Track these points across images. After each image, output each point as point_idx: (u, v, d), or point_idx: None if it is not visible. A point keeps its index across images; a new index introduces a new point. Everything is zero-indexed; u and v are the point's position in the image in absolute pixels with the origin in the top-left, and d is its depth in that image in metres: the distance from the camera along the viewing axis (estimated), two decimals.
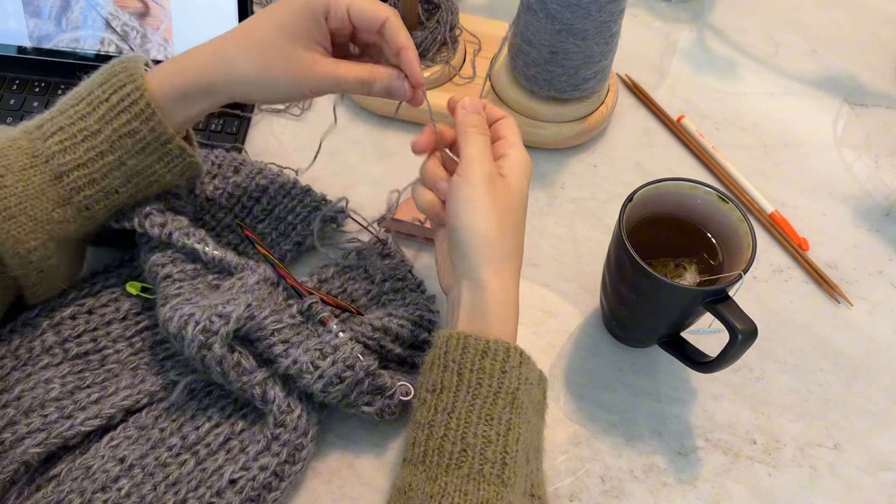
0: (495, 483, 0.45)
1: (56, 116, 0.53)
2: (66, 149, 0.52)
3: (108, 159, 0.53)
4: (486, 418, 0.46)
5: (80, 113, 0.52)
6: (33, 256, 0.52)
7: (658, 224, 0.59)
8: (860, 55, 0.88)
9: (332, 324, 0.55)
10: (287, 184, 0.67)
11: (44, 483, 0.51)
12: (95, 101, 0.53)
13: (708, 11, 0.91)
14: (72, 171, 0.52)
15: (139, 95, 0.52)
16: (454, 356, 0.48)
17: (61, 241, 0.53)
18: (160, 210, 0.57)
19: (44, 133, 0.52)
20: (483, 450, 0.45)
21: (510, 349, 0.48)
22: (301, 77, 0.53)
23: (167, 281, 0.55)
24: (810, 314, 0.66)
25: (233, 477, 0.51)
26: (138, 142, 0.53)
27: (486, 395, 0.47)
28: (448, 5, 0.76)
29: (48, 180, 0.52)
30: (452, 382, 0.47)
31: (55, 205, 0.52)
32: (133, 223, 0.56)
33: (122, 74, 0.53)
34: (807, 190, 0.75)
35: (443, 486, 0.44)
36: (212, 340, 0.51)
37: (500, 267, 0.50)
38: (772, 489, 0.57)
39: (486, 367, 0.47)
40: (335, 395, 0.52)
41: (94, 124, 0.52)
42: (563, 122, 0.73)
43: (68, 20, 0.73)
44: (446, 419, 0.46)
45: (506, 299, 0.50)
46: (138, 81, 0.52)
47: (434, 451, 0.46)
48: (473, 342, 0.48)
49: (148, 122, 0.52)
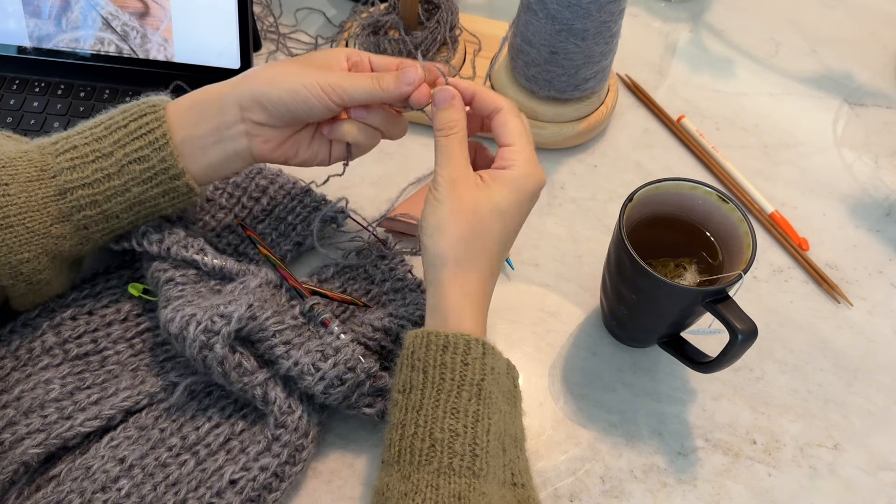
0: (466, 475, 0.45)
1: (72, 135, 0.53)
2: (75, 167, 0.52)
3: (113, 183, 0.53)
4: (452, 412, 0.47)
5: (96, 135, 0.53)
6: (24, 268, 0.52)
7: (658, 224, 0.59)
8: (860, 55, 0.88)
9: (333, 325, 0.55)
10: (287, 184, 0.67)
11: (44, 483, 0.51)
12: (113, 126, 0.53)
13: (707, 11, 0.91)
14: (76, 188, 0.52)
15: (157, 125, 0.52)
16: (419, 355, 0.49)
17: (55, 256, 0.53)
18: (156, 226, 0.57)
19: (56, 149, 0.52)
20: (451, 443, 0.46)
21: (470, 341, 0.48)
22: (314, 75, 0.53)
23: (169, 284, 0.55)
24: (810, 314, 0.66)
25: (233, 477, 0.51)
26: (147, 170, 0.53)
27: (450, 388, 0.47)
28: (448, 5, 0.76)
29: (51, 195, 0.52)
30: (419, 380, 0.48)
31: (54, 220, 0.52)
32: (132, 243, 0.56)
33: (144, 104, 0.53)
34: (807, 190, 0.75)
35: (415, 483, 0.45)
36: (213, 341, 0.51)
37: (458, 269, 0.50)
38: (772, 489, 0.57)
39: (448, 361, 0.48)
40: (336, 396, 0.52)
41: (107, 147, 0.52)
42: (563, 122, 0.73)
43: (68, 20, 0.73)
44: (415, 417, 0.47)
45: (462, 300, 0.50)
46: (159, 112, 0.53)
47: (406, 450, 0.46)
48: (434, 338, 0.48)
49: (160, 151, 0.52)
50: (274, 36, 0.84)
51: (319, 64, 0.55)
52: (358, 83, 0.54)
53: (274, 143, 0.55)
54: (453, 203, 0.50)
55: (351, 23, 0.82)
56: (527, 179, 0.52)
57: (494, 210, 0.51)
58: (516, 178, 0.52)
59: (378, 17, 0.75)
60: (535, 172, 0.53)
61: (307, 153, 0.58)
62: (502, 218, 0.51)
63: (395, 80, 0.54)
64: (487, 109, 0.54)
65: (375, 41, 0.75)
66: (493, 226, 0.51)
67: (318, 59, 0.55)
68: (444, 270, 0.50)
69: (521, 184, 0.52)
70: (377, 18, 0.75)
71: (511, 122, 0.53)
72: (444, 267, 0.50)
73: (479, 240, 0.51)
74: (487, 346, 0.49)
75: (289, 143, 0.56)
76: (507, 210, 0.51)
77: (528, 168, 0.52)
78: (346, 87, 0.53)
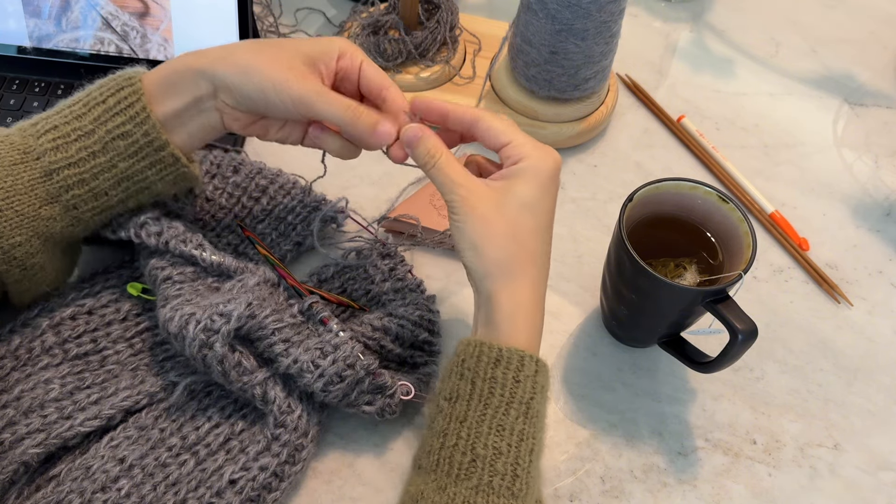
0: (505, 495, 0.44)
1: (51, 115, 0.53)
2: (58, 147, 0.52)
3: (99, 160, 0.52)
4: (498, 429, 0.46)
5: (76, 113, 0.52)
6: (17, 252, 0.52)
7: (658, 224, 0.59)
8: (860, 55, 0.88)
9: (332, 323, 0.55)
10: (287, 184, 0.67)
11: (44, 483, 0.51)
12: (92, 103, 0.53)
13: (708, 11, 0.91)
14: (62, 168, 0.52)
15: (136, 99, 0.52)
16: (469, 364, 0.48)
17: (47, 239, 0.53)
18: (155, 218, 0.57)
19: (37, 130, 0.52)
20: (493, 461, 0.45)
21: (524, 358, 0.47)
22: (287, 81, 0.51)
23: (167, 283, 0.55)
24: (810, 314, 0.66)
25: (233, 477, 0.51)
26: (131, 145, 0.53)
27: (498, 404, 0.46)
28: (448, 5, 0.76)
29: (37, 177, 0.52)
30: (466, 391, 0.47)
31: (43, 202, 0.52)
32: (129, 233, 0.56)
33: (120, 78, 0.53)
34: (807, 190, 0.75)
35: (451, 497, 0.44)
36: (213, 339, 0.51)
37: (506, 279, 0.49)
38: (772, 489, 0.57)
39: (499, 376, 0.47)
40: (336, 394, 0.52)
41: (88, 125, 0.52)
42: (563, 122, 0.73)
43: (68, 20, 0.73)
44: (458, 428, 0.46)
45: (515, 311, 0.49)
46: (136, 86, 0.52)
47: (445, 461, 0.45)
48: (486, 350, 0.47)
49: (142, 125, 0.52)
50: (274, 36, 0.84)
51: (306, 58, 0.53)
52: (332, 109, 0.51)
53: (243, 122, 0.55)
54: (471, 215, 0.49)
55: (351, 23, 0.82)
56: (541, 162, 0.50)
57: (520, 206, 0.49)
58: (531, 165, 0.50)
59: (378, 17, 0.75)
60: (546, 153, 0.51)
61: (278, 135, 0.57)
62: (531, 211, 0.50)
63: (370, 130, 0.52)
64: (465, 123, 0.53)
65: (375, 41, 0.75)
66: (524, 223, 0.50)
67: (307, 51, 0.53)
68: (490, 282, 0.49)
69: (537, 169, 0.50)
70: (377, 18, 0.75)
71: (496, 124, 0.52)
72: (490, 278, 0.49)
73: (515, 243, 0.49)
74: (541, 363, 0.48)
75: (258, 124, 0.56)
76: (532, 201, 0.50)
77: (537, 153, 0.51)
78: (317, 110, 0.52)
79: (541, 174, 0.50)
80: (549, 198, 0.51)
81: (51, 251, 0.54)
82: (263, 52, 0.53)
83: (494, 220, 0.49)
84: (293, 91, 0.51)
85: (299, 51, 0.53)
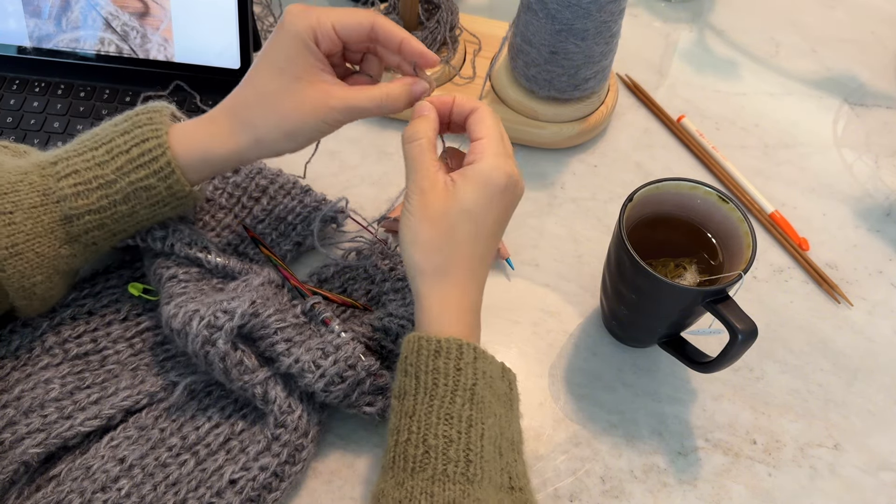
0: (460, 481, 0.45)
1: (72, 157, 0.52)
2: (80, 193, 0.52)
3: (120, 208, 0.53)
4: (446, 418, 0.46)
5: (98, 160, 0.52)
6: (38, 289, 0.53)
7: (658, 224, 0.59)
8: (860, 55, 0.88)
9: (334, 324, 0.56)
10: (287, 184, 0.67)
11: (44, 483, 0.51)
12: (116, 151, 0.52)
13: (708, 11, 0.91)
14: (83, 215, 0.52)
15: (161, 153, 0.52)
16: (411, 360, 0.48)
17: (65, 273, 0.54)
18: (160, 224, 0.57)
19: (57, 172, 0.52)
20: (445, 450, 0.45)
21: (462, 345, 0.48)
22: (320, 117, 0.52)
23: (172, 281, 0.55)
24: (810, 314, 0.66)
25: (233, 477, 0.51)
26: (153, 196, 0.53)
27: (444, 394, 0.47)
28: (448, 5, 0.76)
29: (57, 220, 0.52)
30: (412, 386, 0.48)
31: (62, 242, 0.52)
32: (135, 239, 0.57)
33: (146, 127, 0.52)
34: (807, 190, 0.75)
35: (409, 490, 0.44)
36: (216, 336, 0.51)
37: (435, 279, 0.50)
38: (772, 489, 0.57)
39: (441, 366, 0.48)
40: (336, 394, 0.52)
41: (110, 174, 0.52)
42: (563, 122, 0.73)
43: (68, 20, 0.73)
44: (408, 423, 0.47)
45: (442, 311, 0.50)
46: (162, 139, 0.52)
47: (400, 457, 0.46)
48: (426, 343, 0.48)
49: (166, 179, 0.52)
50: None
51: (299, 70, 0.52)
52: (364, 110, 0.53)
53: None
54: (423, 212, 0.50)
55: None
56: (493, 171, 0.50)
57: (461, 212, 0.50)
58: (482, 171, 0.50)
59: None
60: (502, 164, 0.50)
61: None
62: (471, 218, 0.50)
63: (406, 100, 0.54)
64: (465, 112, 0.53)
65: None
66: (462, 227, 0.50)
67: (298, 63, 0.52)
68: (421, 281, 0.50)
69: (486, 177, 0.50)
70: None
71: (486, 119, 0.52)
72: (421, 277, 0.50)
73: (449, 245, 0.50)
74: (479, 350, 0.49)
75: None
76: (474, 209, 0.50)
77: (495, 160, 0.50)
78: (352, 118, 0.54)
79: (489, 183, 0.50)
80: (496, 208, 0.51)
81: (66, 279, 0.56)
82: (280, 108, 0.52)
83: (437, 219, 0.50)
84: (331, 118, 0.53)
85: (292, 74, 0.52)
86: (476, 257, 0.51)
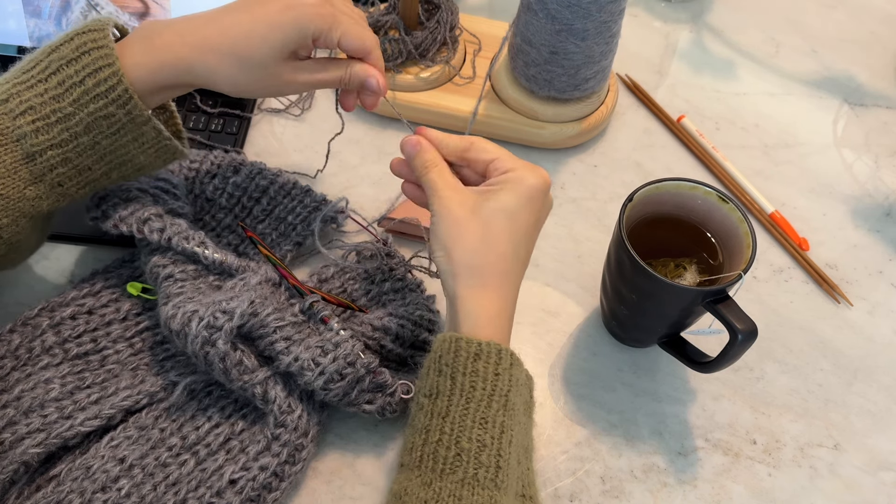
0: (489, 487, 0.45)
1: (23, 91, 0.51)
2: (39, 129, 0.51)
3: (81, 140, 0.52)
4: (481, 422, 0.46)
5: (52, 93, 0.51)
6: (5, 233, 0.51)
7: (658, 224, 0.59)
8: (860, 55, 0.88)
9: (333, 322, 0.56)
10: (287, 184, 0.67)
11: (44, 483, 0.51)
12: (68, 83, 0.51)
13: (708, 12, 0.91)
14: (45, 150, 0.51)
15: (116, 81, 0.51)
16: (447, 360, 0.48)
17: (33, 217, 0.53)
18: (158, 214, 0.57)
19: (11, 110, 0.51)
20: (478, 454, 0.45)
21: (501, 351, 0.48)
22: (282, 87, 0.55)
23: (169, 281, 0.55)
24: (810, 314, 0.66)
25: (233, 477, 0.51)
26: (114, 124, 0.52)
27: (480, 398, 0.47)
28: (448, 5, 0.76)
29: (19, 159, 0.51)
30: (446, 386, 0.47)
31: (27, 183, 0.51)
32: (132, 228, 0.56)
33: (95, 53, 0.51)
34: (807, 190, 0.75)
35: (437, 492, 0.44)
36: (216, 336, 0.51)
37: (471, 281, 0.50)
38: (772, 489, 0.57)
39: (480, 369, 0.47)
40: (336, 392, 0.52)
41: (67, 107, 0.51)
42: (563, 122, 0.73)
43: (68, 20, 0.73)
44: (440, 423, 0.46)
45: (478, 313, 0.49)
46: (115, 66, 0.51)
47: (429, 457, 0.46)
48: (465, 345, 0.48)
49: (124, 105, 0.51)
50: None
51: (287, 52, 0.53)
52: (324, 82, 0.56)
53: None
54: (450, 219, 0.50)
55: None
56: (529, 175, 0.51)
57: (496, 209, 0.50)
58: (517, 176, 0.51)
59: (378, 17, 0.75)
60: (534, 170, 0.52)
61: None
62: (507, 215, 0.50)
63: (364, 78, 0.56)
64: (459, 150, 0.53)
65: None
66: (497, 224, 0.50)
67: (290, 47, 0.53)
68: (456, 285, 0.50)
69: (522, 179, 0.51)
70: (377, 18, 0.75)
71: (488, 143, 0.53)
72: (456, 281, 0.50)
73: (485, 245, 0.50)
74: (515, 356, 0.49)
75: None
76: (511, 207, 0.50)
77: (525, 169, 0.52)
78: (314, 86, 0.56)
79: (524, 185, 0.51)
80: (530, 210, 0.51)
81: (36, 226, 0.54)
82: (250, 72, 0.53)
83: (468, 222, 0.50)
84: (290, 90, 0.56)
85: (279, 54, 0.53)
86: (512, 256, 0.51)
